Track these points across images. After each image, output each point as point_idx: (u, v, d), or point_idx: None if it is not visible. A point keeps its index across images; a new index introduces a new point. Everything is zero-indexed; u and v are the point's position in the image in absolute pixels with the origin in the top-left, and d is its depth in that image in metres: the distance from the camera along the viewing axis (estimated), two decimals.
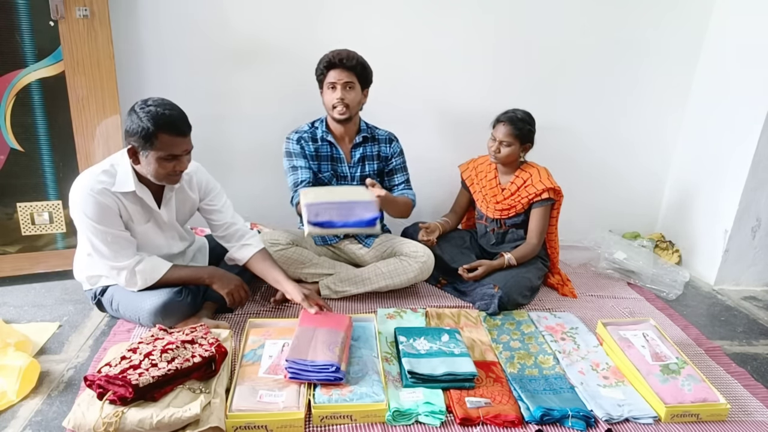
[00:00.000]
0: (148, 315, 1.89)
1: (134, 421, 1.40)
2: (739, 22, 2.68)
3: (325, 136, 2.34)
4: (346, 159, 2.38)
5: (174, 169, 1.79)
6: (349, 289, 2.30)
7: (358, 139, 2.37)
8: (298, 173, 2.31)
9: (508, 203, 2.42)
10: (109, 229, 1.82)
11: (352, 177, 2.39)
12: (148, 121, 1.70)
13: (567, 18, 2.76)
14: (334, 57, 2.22)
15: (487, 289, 2.25)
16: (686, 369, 1.78)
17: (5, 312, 2.12)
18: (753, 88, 2.57)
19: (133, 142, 1.75)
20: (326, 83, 2.26)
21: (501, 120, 2.35)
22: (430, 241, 2.38)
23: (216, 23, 2.53)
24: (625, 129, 3.01)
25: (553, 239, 2.50)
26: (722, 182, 2.74)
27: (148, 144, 1.73)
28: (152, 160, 1.76)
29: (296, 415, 1.51)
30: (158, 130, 1.70)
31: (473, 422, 1.59)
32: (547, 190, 2.35)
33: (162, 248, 2.03)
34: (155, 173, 1.80)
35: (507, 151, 2.34)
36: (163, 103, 1.75)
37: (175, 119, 1.74)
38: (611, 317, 2.28)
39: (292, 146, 2.33)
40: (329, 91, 2.26)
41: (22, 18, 2.10)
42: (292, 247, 2.28)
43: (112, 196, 1.81)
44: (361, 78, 2.27)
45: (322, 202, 1.96)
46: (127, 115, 1.75)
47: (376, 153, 2.42)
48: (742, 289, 2.75)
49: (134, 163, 1.81)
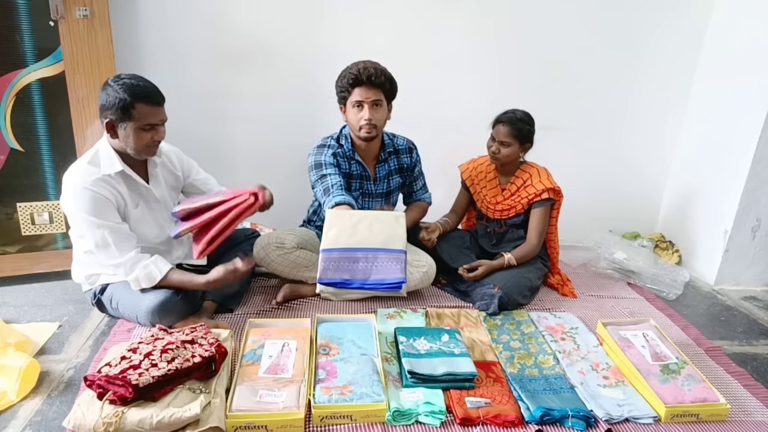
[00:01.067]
0: (146, 313, 1.89)
1: (134, 421, 1.40)
2: (739, 22, 2.68)
3: (352, 155, 2.26)
4: (371, 176, 2.34)
5: (152, 139, 1.85)
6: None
7: (383, 155, 2.32)
8: (327, 179, 2.14)
9: (508, 203, 2.42)
10: (106, 222, 1.84)
11: (378, 194, 2.37)
12: (125, 93, 1.75)
13: (566, 20, 2.77)
14: (361, 73, 2.05)
15: (487, 289, 2.25)
16: (686, 369, 1.78)
17: (5, 312, 2.12)
18: (753, 89, 2.57)
19: (111, 116, 1.79)
20: (351, 101, 2.12)
21: (500, 120, 2.35)
22: (430, 240, 2.38)
23: (216, 23, 2.54)
24: (625, 129, 3.01)
25: (553, 239, 2.50)
26: (722, 182, 2.74)
27: (126, 115, 1.78)
28: (130, 132, 1.81)
29: (296, 415, 1.51)
30: (135, 101, 1.76)
31: (473, 422, 1.59)
32: (547, 191, 2.35)
33: (157, 232, 2.04)
34: (134, 145, 1.83)
35: (506, 151, 2.34)
36: (135, 76, 1.82)
37: (149, 90, 1.81)
38: (611, 317, 2.28)
39: (326, 158, 2.19)
40: (355, 110, 2.12)
41: (22, 18, 2.11)
42: (296, 251, 2.25)
43: (104, 183, 1.84)
44: (389, 95, 2.15)
45: (343, 249, 1.80)
46: (101, 91, 1.80)
47: (398, 167, 2.38)
48: (742, 289, 2.75)
49: (112, 137, 1.85)
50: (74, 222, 1.89)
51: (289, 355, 1.75)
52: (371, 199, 2.37)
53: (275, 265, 2.24)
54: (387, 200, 2.41)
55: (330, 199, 2.07)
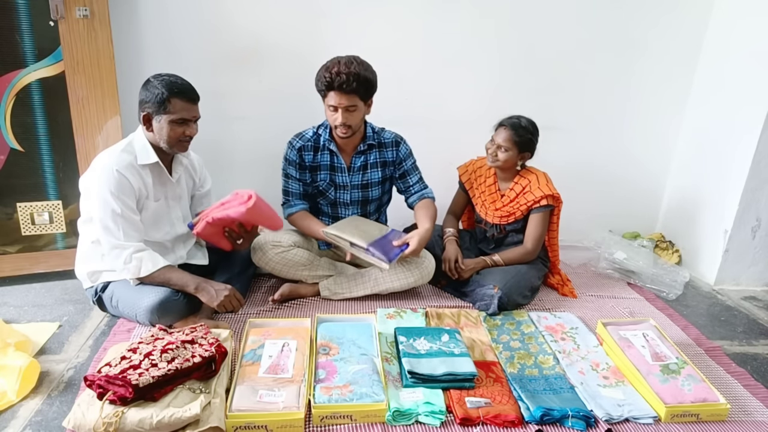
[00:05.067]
0: (145, 312, 1.90)
1: (134, 421, 1.40)
2: (739, 22, 2.68)
3: (327, 145, 2.29)
4: (346, 167, 2.34)
5: (184, 134, 1.95)
6: (348, 291, 2.30)
7: (362, 146, 2.32)
8: (289, 184, 2.33)
9: (508, 210, 2.41)
10: (124, 208, 1.90)
11: (352, 185, 2.35)
12: (163, 88, 1.89)
13: (566, 20, 2.76)
14: (334, 80, 2.06)
15: (487, 289, 2.25)
16: (686, 369, 1.78)
17: (5, 312, 2.12)
18: (753, 89, 2.57)
19: (148, 109, 1.91)
20: (326, 102, 2.15)
21: (503, 124, 2.34)
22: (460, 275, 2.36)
23: (217, 23, 2.54)
24: (625, 129, 3.01)
25: (554, 244, 2.50)
26: (722, 182, 2.74)
27: (162, 108, 1.89)
28: (165, 125, 1.92)
29: (296, 415, 1.51)
30: (171, 95, 1.89)
31: (473, 422, 1.59)
32: (546, 197, 2.33)
33: (168, 229, 2.08)
34: (167, 137, 1.94)
35: (504, 156, 2.32)
36: (174, 75, 1.96)
37: (185, 87, 1.95)
38: (611, 317, 2.28)
39: (292, 154, 2.29)
40: (330, 111, 2.16)
41: (22, 18, 2.11)
42: (293, 249, 2.27)
43: (134, 170, 1.93)
44: (364, 96, 2.15)
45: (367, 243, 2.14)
46: (141, 87, 1.93)
47: (380, 160, 2.36)
48: (742, 289, 2.75)
49: (147, 130, 1.95)
50: (90, 201, 1.93)
51: (289, 355, 1.75)
52: (345, 191, 2.35)
53: (273, 264, 2.25)
54: (364, 193, 2.37)
55: (289, 206, 2.35)
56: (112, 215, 1.88)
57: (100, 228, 1.90)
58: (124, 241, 1.90)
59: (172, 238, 2.11)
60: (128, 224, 1.91)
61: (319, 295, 2.31)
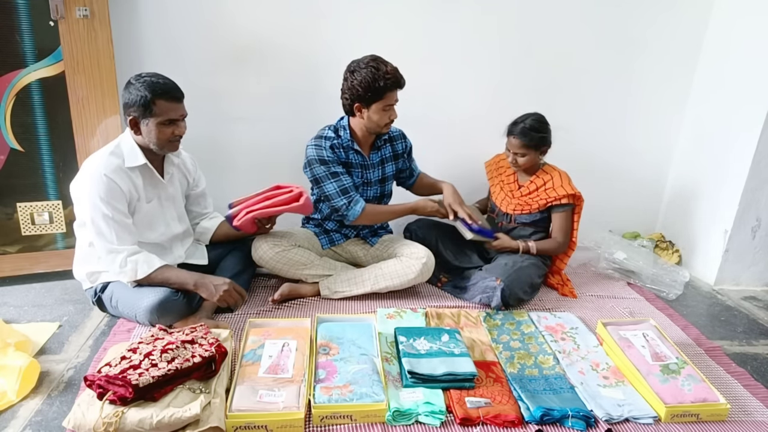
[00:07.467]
0: (144, 312, 1.90)
1: (134, 421, 1.40)
2: (739, 21, 2.68)
3: (351, 145, 2.30)
4: (369, 164, 2.37)
5: (173, 134, 1.93)
6: (348, 289, 2.30)
7: (379, 142, 2.38)
8: (341, 179, 2.24)
9: (524, 201, 2.43)
10: (115, 212, 1.88)
11: (374, 181, 2.40)
12: (145, 90, 1.84)
13: (567, 18, 2.76)
14: (400, 80, 2.16)
15: (489, 281, 2.25)
16: (686, 369, 1.78)
17: (5, 312, 2.12)
18: (753, 88, 2.57)
19: (133, 113, 1.88)
20: (383, 103, 2.17)
21: (512, 133, 2.35)
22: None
23: (217, 23, 2.53)
24: (625, 129, 3.00)
25: (573, 242, 2.51)
26: (722, 182, 2.74)
27: (147, 111, 1.86)
28: (153, 127, 1.89)
29: (296, 415, 1.51)
30: (155, 97, 1.85)
31: (473, 422, 1.59)
32: (568, 196, 2.36)
33: (163, 230, 2.08)
34: (157, 140, 1.91)
35: (523, 160, 2.36)
36: (156, 74, 1.91)
37: (169, 86, 1.90)
38: (611, 317, 2.28)
39: (327, 153, 2.23)
40: (384, 111, 2.19)
41: (22, 18, 2.10)
42: (294, 249, 2.27)
43: (123, 174, 1.91)
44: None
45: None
46: (123, 90, 1.89)
47: (393, 154, 2.44)
48: (742, 289, 2.75)
49: (135, 134, 1.93)
50: (82, 207, 1.92)
51: (289, 355, 1.75)
52: (370, 187, 2.40)
53: (273, 263, 2.25)
54: (382, 187, 2.43)
55: (355, 203, 2.26)
56: (104, 220, 1.87)
57: (94, 233, 1.90)
58: (117, 245, 1.89)
59: (168, 239, 2.11)
60: (121, 228, 1.90)
61: (319, 295, 2.31)
